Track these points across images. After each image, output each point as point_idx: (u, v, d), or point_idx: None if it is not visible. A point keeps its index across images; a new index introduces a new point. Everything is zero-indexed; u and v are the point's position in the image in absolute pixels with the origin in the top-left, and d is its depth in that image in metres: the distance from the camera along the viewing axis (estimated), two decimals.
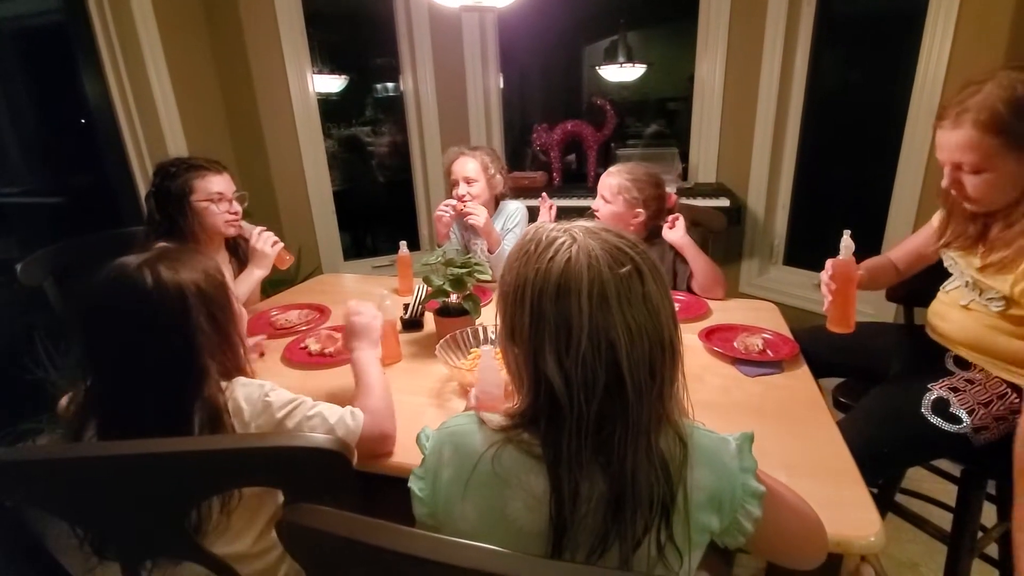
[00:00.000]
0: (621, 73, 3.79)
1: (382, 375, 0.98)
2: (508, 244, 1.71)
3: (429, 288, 1.41)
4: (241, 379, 0.83)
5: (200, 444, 0.62)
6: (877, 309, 2.17)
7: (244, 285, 1.45)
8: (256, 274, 1.47)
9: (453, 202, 1.68)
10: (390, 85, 3.24)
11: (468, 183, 1.72)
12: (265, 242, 1.47)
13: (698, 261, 1.51)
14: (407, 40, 2.90)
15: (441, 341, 1.14)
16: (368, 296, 1.48)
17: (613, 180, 1.54)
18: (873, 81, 2.29)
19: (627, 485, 0.52)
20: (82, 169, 2.41)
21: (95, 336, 0.77)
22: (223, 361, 0.81)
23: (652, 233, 1.60)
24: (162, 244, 0.82)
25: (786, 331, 1.31)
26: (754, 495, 0.58)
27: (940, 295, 1.18)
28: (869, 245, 2.39)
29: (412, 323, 1.42)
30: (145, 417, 0.74)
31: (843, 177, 2.45)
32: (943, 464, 1.37)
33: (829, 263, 1.11)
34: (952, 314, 1.12)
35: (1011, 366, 1.02)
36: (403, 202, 3.25)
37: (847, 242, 1.08)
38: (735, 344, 1.23)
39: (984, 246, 1.04)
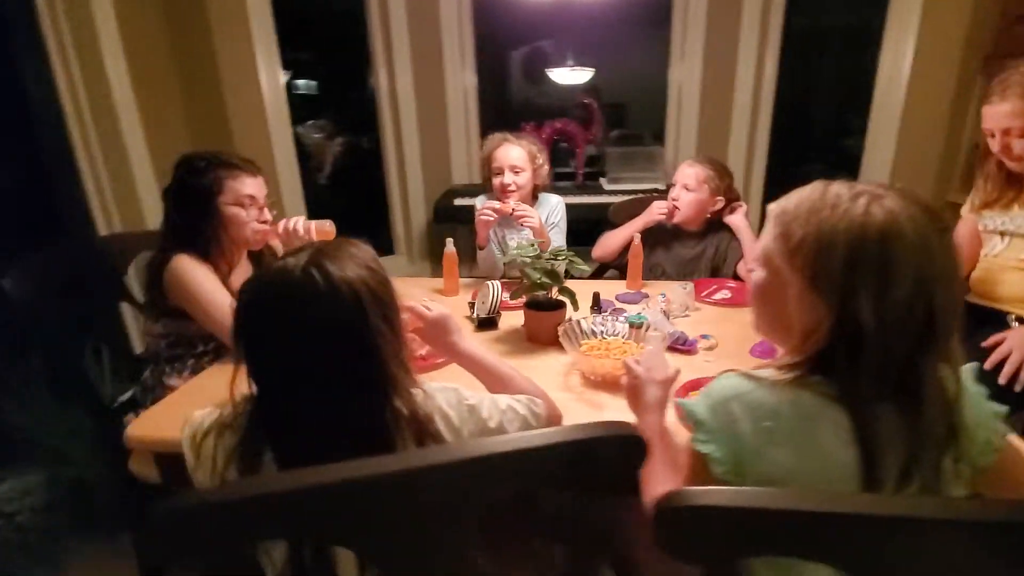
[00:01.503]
0: (572, 76, 3.91)
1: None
2: (555, 239, 1.69)
3: (506, 285, 1.38)
4: (431, 384, 0.75)
5: (510, 444, 0.56)
6: None
7: None
8: None
9: (495, 204, 1.61)
10: (357, 82, 3.09)
11: (515, 172, 1.67)
12: (299, 235, 1.33)
13: (752, 247, 1.60)
14: (381, 34, 2.78)
15: (561, 332, 1.11)
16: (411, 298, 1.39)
17: (699, 170, 1.62)
18: (836, 87, 2.56)
19: (924, 415, 0.58)
20: (13, 167, 2.04)
21: (263, 351, 0.67)
22: (404, 365, 0.73)
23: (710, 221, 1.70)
24: (313, 243, 0.72)
25: None
26: (996, 414, 0.66)
27: (986, 262, 1.31)
28: None
29: (487, 322, 1.37)
30: (333, 437, 0.66)
31: (810, 175, 2.71)
32: None
33: None
34: (1007, 276, 1.26)
35: None
36: (369, 204, 3.11)
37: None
38: None
39: (1020, 205, 1.21)
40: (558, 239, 1.71)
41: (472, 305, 1.42)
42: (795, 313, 0.63)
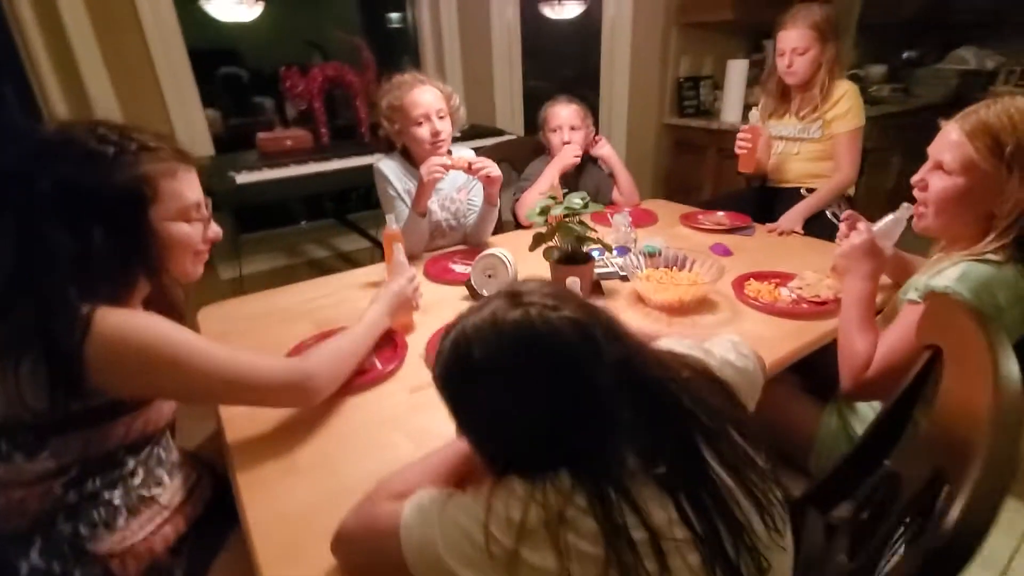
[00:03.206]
0: (236, 11, 3.18)
1: None
2: (477, 197, 1.53)
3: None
4: None
5: None
6: None
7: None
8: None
9: (444, 160, 1.33)
10: None
11: (440, 117, 1.41)
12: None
13: (623, 173, 1.80)
14: None
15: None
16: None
17: (576, 107, 1.68)
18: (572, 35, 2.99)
19: None
20: None
21: None
22: None
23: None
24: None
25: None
26: None
27: (776, 157, 1.79)
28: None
29: None
30: None
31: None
32: None
33: (745, 128, 1.63)
34: (791, 164, 1.78)
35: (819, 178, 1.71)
36: None
37: (756, 113, 1.63)
38: (703, 221, 1.65)
39: (791, 110, 1.73)
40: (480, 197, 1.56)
41: (470, 286, 1.22)
42: (1005, 205, 0.79)
